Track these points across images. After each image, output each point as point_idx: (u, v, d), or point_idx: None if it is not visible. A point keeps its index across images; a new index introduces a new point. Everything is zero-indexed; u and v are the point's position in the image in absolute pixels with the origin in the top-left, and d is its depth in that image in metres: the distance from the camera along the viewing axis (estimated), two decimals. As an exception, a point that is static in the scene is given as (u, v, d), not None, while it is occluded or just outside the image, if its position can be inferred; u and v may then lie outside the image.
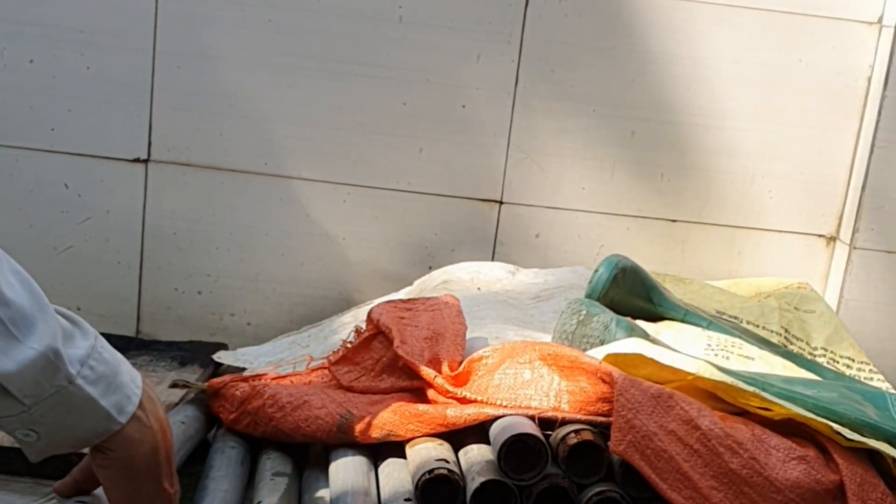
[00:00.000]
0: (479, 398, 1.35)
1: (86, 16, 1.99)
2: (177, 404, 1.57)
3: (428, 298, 1.67)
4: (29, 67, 2.01)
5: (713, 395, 1.34)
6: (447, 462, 1.25)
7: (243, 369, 1.87)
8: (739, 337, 1.68)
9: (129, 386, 1.00)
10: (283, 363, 1.85)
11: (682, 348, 1.57)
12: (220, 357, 1.96)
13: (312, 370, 1.55)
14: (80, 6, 1.99)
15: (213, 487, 1.30)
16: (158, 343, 2.02)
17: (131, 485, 1.01)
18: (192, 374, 1.79)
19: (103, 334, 2.08)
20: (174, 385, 1.61)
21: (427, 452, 1.28)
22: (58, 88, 2.01)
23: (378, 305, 1.62)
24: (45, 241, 2.06)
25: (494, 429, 1.29)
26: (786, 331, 1.84)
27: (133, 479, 1.01)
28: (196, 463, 1.40)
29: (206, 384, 1.50)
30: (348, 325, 1.95)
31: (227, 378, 1.48)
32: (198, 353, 1.94)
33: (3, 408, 0.92)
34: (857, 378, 1.75)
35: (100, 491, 1.06)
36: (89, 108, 2.03)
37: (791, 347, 1.81)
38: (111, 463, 1.00)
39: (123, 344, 1.94)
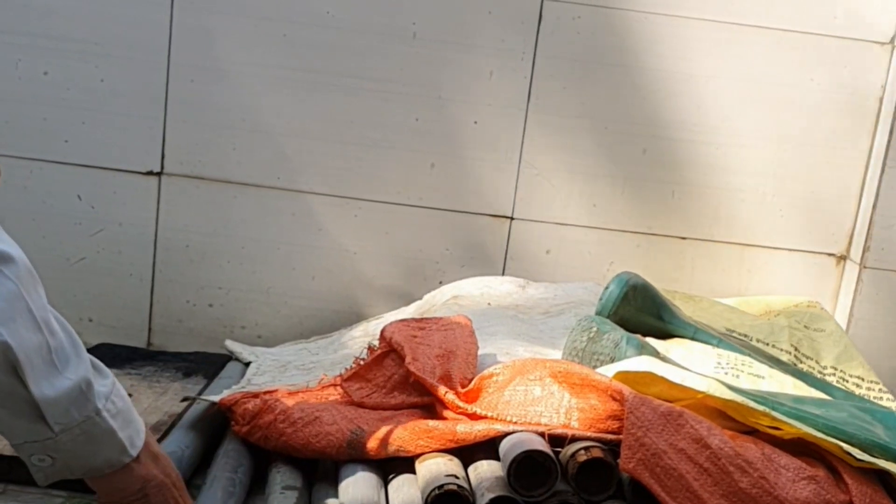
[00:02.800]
0: (490, 414, 1.35)
1: (100, 29, 2.01)
2: (181, 415, 1.58)
3: (440, 318, 1.68)
4: (43, 79, 2.02)
5: (723, 413, 1.34)
6: (457, 477, 1.25)
7: (248, 364, 1.90)
8: (749, 355, 1.68)
9: (138, 422, 1.08)
10: (289, 367, 1.85)
11: (691, 366, 1.57)
12: (230, 344, 2.01)
13: (324, 386, 1.55)
14: (95, 19, 2.00)
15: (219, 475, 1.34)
16: (164, 354, 2.03)
17: None
18: (196, 385, 1.79)
19: (113, 345, 2.09)
20: (185, 399, 1.62)
21: (437, 468, 1.29)
22: (72, 101, 2.03)
23: (391, 324, 1.63)
24: (57, 252, 2.07)
25: (504, 445, 1.29)
26: (795, 349, 1.84)
27: None
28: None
29: (218, 399, 1.51)
30: (358, 338, 1.95)
31: (237, 395, 1.49)
32: (202, 364, 1.94)
33: (33, 433, 0.99)
34: (866, 397, 1.75)
35: None
36: (103, 121, 2.04)
37: (801, 366, 1.81)
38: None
39: (129, 354, 1.94)
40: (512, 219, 2.11)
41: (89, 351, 2.00)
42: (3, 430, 1.00)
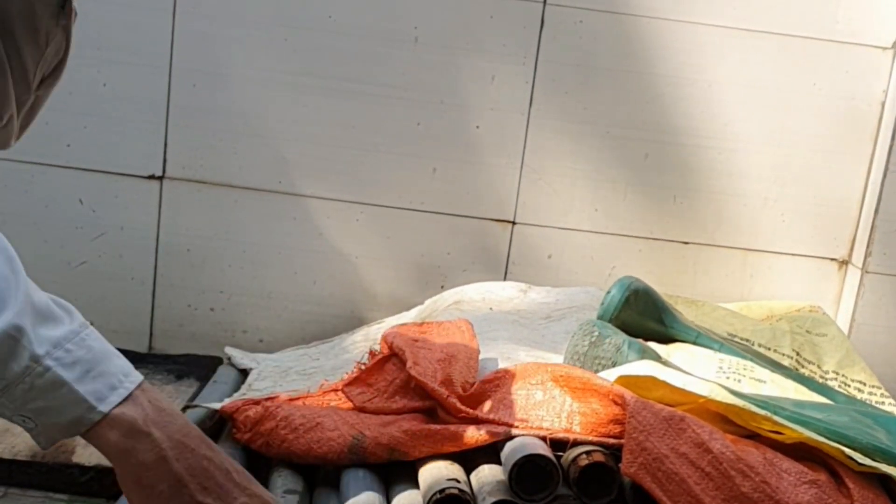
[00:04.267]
0: (491, 418, 1.35)
1: (103, 33, 2.01)
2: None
3: (441, 322, 1.68)
4: (46, 84, 2.02)
5: (725, 417, 1.34)
6: (458, 482, 1.25)
7: (247, 371, 1.90)
8: (751, 360, 1.68)
9: (114, 376, 0.94)
10: (290, 372, 1.85)
11: (693, 371, 1.57)
12: (229, 351, 2.00)
13: (325, 392, 1.55)
14: (98, 23, 2.00)
15: None
16: (154, 356, 2.03)
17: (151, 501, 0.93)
18: (188, 388, 1.79)
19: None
20: (186, 408, 1.62)
21: (438, 472, 1.28)
22: (74, 105, 2.03)
23: (392, 328, 1.63)
24: (59, 256, 2.07)
25: (506, 449, 1.29)
26: (797, 354, 1.84)
27: (150, 496, 0.93)
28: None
29: (220, 407, 1.51)
30: (359, 343, 1.95)
31: (238, 402, 1.48)
32: (194, 367, 1.94)
33: None
34: (868, 402, 1.75)
35: None
36: (105, 125, 2.04)
37: (803, 371, 1.81)
38: (122, 479, 0.93)
39: (119, 357, 1.94)
40: (514, 223, 2.11)
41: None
42: None
